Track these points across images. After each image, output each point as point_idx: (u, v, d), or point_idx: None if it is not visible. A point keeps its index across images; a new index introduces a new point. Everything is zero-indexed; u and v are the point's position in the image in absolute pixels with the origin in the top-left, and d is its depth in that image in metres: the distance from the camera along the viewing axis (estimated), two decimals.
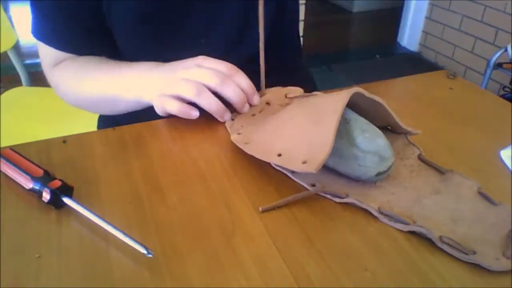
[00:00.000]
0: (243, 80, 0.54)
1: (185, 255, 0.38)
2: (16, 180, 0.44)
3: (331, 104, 0.45)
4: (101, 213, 0.42)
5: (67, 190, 0.43)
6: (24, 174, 0.43)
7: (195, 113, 0.53)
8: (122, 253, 0.38)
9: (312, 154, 0.42)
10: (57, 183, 0.42)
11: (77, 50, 0.66)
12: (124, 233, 0.38)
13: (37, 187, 0.42)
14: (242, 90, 0.54)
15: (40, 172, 0.43)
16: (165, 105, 0.53)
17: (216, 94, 0.53)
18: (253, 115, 0.57)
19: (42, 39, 0.65)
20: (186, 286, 0.35)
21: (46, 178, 0.43)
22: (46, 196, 0.41)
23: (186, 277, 0.36)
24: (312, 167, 0.41)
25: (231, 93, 0.53)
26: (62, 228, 0.41)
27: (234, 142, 0.51)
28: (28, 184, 0.43)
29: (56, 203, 0.42)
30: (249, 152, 0.48)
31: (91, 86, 0.63)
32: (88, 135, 0.54)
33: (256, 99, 0.56)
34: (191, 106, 0.53)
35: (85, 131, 0.55)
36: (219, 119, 0.55)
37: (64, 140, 0.53)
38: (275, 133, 0.49)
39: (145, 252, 0.37)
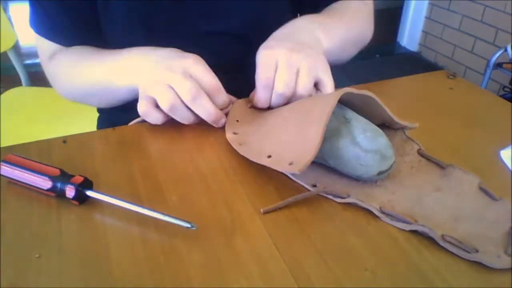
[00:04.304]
0: (220, 99, 0.53)
1: (185, 255, 0.38)
2: (29, 183, 0.44)
3: (319, 108, 0.45)
4: (101, 213, 0.42)
5: (89, 184, 0.43)
6: (41, 176, 0.43)
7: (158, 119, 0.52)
8: (122, 253, 0.38)
9: (298, 156, 0.43)
10: (79, 179, 0.43)
11: (71, 42, 0.65)
12: (162, 213, 0.40)
13: (58, 186, 0.42)
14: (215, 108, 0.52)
15: (56, 172, 0.44)
16: (138, 105, 0.52)
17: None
18: (250, 106, 0.56)
19: (39, 31, 0.65)
20: (186, 286, 0.35)
21: (65, 175, 0.43)
22: (70, 192, 0.42)
23: (186, 277, 0.36)
24: (297, 168, 0.42)
25: (201, 112, 0.51)
26: (62, 228, 0.41)
27: (228, 140, 0.51)
28: (46, 184, 0.43)
29: (80, 198, 0.42)
30: (242, 153, 0.49)
31: (84, 75, 0.62)
32: (88, 135, 0.54)
33: (222, 122, 0.54)
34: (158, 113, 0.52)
35: (85, 131, 0.55)
36: (213, 125, 0.53)
37: (64, 140, 0.53)
38: (267, 136, 0.50)
39: (188, 226, 0.39)
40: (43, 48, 0.67)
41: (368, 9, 0.75)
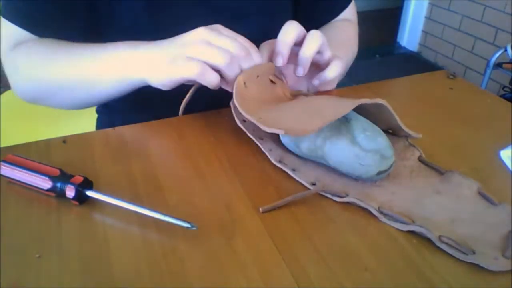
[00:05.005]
0: (255, 60, 0.53)
1: (185, 255, 0.38)
2: (29, 183, 0.44)
3: (331, 109, 0.45)
4: (101, 213, 0.42)
5: (89, 184, 0.43)
6: (41, 176, 0.43)
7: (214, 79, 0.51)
8: (122, 253, 0.38)
9: (288, 129, 0.45)
10: (79, 179, 0.43)
11: (46, 33, 0.61)
12: (163, 213, 0.40)
13: (58, 186, 0.42)
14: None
15: (56, 172, 0.44)
16: (188, 69, 0.50)
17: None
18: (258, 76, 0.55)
19: (11, 17, 0.59)
20: (186, 286, 0.35)
21: (64, 175, 0.43)
22: (70, 192, 0.42)
23: (186, 277, 0.36)
24: (283, 132, 0.44)
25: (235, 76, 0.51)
26: (62, 228, 0.41)
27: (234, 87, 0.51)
28: (46, 184, 0.43)
29: (80, 198, 0.42)
30: (235, 101, 0.49)
31: (66, 68, 0.58)
32: (88, 135, 0.54)
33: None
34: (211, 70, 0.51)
35: (85, 131, 0.55)
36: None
37: (64, 140, 0.53)
38: (268, 113, 0.50)
39: (188, 226, 0.39)
40: (7, 36, 0.61)
41: (355, 31, 0.79)
